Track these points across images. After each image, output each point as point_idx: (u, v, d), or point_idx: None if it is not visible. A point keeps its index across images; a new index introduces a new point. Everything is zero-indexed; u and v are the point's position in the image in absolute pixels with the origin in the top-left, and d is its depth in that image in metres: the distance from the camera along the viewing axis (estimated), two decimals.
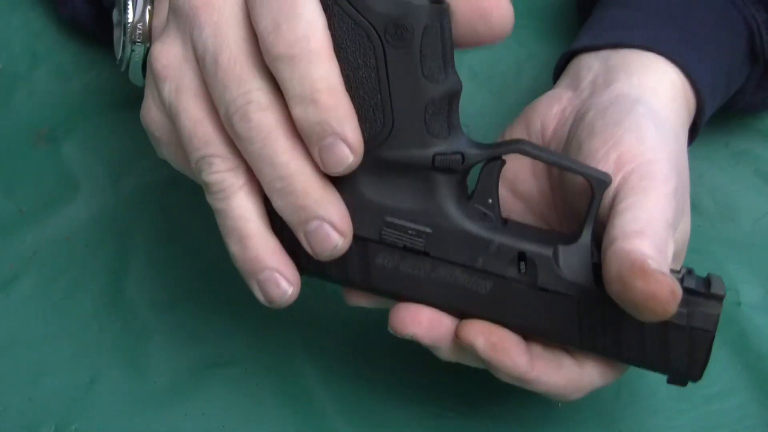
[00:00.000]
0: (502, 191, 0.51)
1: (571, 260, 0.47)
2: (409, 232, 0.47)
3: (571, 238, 0.47)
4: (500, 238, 0.47)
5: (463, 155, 0.46)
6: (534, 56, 0.66)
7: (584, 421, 0.56)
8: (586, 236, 0.47)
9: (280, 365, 0.57)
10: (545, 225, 0.52)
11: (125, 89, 0.58)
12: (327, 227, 0.45)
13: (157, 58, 0.46)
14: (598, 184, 0.46)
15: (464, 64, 0.65)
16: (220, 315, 0.56)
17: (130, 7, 0.53)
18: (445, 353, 0.50)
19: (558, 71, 0.56)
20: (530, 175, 0.53)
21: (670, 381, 0.49)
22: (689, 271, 0.48)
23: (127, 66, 0.54)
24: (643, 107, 0.50)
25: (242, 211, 0.46)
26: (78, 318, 0.59)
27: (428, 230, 0.47)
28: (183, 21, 0.46)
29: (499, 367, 0.48)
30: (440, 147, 0.46)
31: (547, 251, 0.47)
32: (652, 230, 0.45)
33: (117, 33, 0.54)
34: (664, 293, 0.43)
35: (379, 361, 0.57)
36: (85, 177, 0.62)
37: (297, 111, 0.43)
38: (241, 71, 0.44)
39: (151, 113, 0.47)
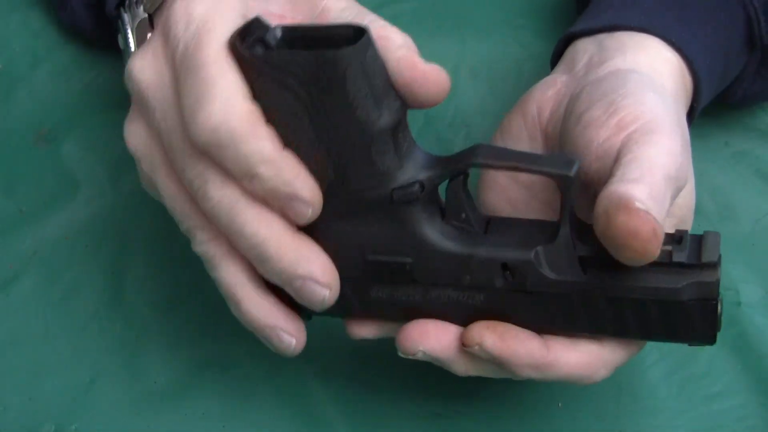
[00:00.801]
0: (505, 180, 0.52)
1: (554, 259, 0.46)
2: (392, 265, 0.47)
3: (553, 232, 0.47)
4: (480, 252, 0.47)
5: (421, 183, 0.46)
6: (534, 56, 0.66)
7: (584, 421, 0.56)
8: (565, 232, 0.46)
9: (280, 366, 0.57)
10: (550, 211, 0.51)
11: (125, 89, 0.58)
12: (310, 283, 0.46)
13: (127, 137, 0.48)
14: (561, 180, 0.45)
15: (464, 63, 0.65)
16: (220, 315, 0.56)
17: (129, 36, 0.54)
18: (461, 366, 0.50)
19: (555, 58, 0.56)
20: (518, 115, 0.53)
21: (689, 344, 0.49)
22: (680, 239, 0.47)
23: None
24: (639, 75, 0.50)
25: (231, 278, 0.47)
26: (78, 318, 0.59)
27: (409, 260, 0.47)
28: (138, 102, 0.47)
29: (512, 358, 0.48)
30: (396, 181, 0.45)
31: (528, 255, 0.46)
32: (648, 179, 0.44)
33: (125, 60, 0.55)
34: (645, 231, 0.43)
35: (379, 362, 0.57)
36: (85, 177, 0.62)
37: (245, 185, 0.44)
38: (191, 152, 0.45)
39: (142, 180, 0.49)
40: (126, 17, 0.55)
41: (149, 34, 0.53)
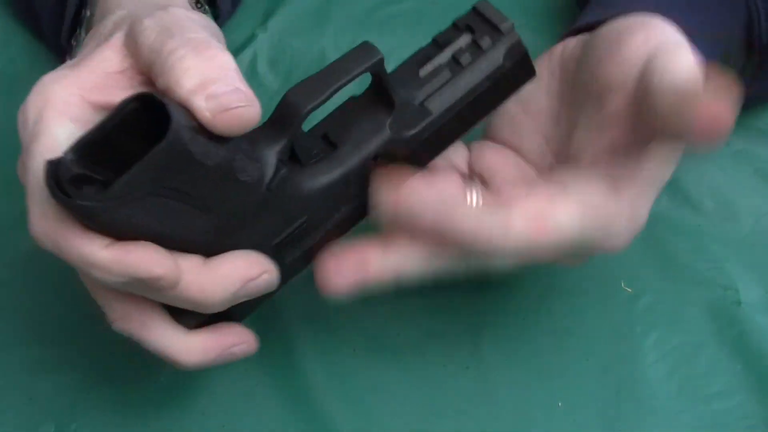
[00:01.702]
0: (515, 108, 0.54)
1: (404, 120, 0.50)
2: (293, 233, 0.48)
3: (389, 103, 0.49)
4: (351, 163, 0.49)
5: (281, 161, 0.47)
6: (534, 56, 0.65)
7: (584, 421, 0.56)
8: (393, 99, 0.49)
9: (280, 364, 0.57)
10: (548, 141, 0.53)
11: None
12: (251, 285, 0.46)
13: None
14: (375, 66, 0.47)
15: None
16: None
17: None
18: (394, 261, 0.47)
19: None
20: (543, 93, 0.53)
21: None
22: (469, 27, 0.51)
23: None
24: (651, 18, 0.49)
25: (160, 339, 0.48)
26: (78, 318, 0.59)
27: (303, 218, 0.48)
28: None
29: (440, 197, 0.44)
30: (265, 178, 0.46)
31: (386, 134, 0.49)
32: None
33: None
34: (726, 121, 0.41)
35: (380, 360, 0.57)
36: None
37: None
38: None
39: None
40: (68, 59, 0.55)
41: None
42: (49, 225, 0.43)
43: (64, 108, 0.45)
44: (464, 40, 0.52)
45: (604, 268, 0.60)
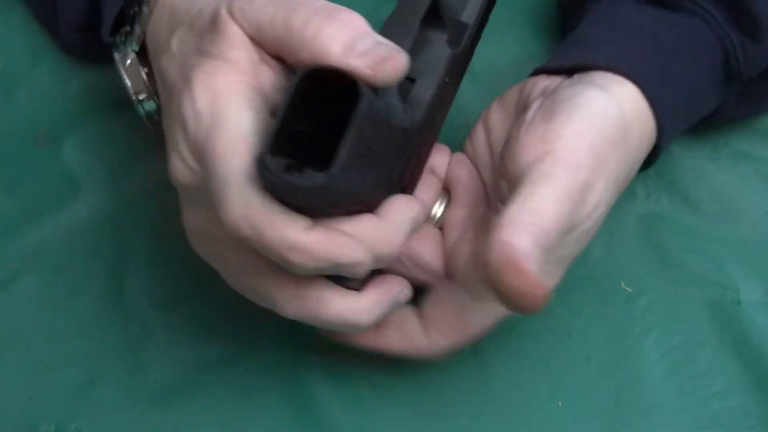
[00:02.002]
0: (480, 129, 0.56)
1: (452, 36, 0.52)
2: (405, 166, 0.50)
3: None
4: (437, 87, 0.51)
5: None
6: (534, 56, 0.66)
7: (584, 421, 0.56)
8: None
9: (280, 364, 0.57)
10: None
11: (125, 90, 0.58)
12: (415, 224, 0.48)
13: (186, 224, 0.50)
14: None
15: None
16: (220, 314, 0.56)
17: (123, 74, 0.55)
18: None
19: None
20: (501, 123, 0.55)
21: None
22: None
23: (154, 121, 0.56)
24: (599, 91, 0.51)
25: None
26: (78, 317, 0.59)
27: (411, 151, 0.50)
28: (186, 199, 0.49)
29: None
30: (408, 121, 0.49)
31: (451, 52, 0.52)
32: (539, 224, 0.47)
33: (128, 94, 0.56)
34: (534, 294, 0.45)
35: (379, 359, 0.57)
36: (85, 177, 0.62)
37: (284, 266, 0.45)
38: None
39: None
40: (116, 56, 0.56)
41: (143, 72, 0.55)
42: (251, 211, 0.44)
43: (237, 96, 0.46)
44: None
45: (604, 269, 0.60)
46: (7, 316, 0.59)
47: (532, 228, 0.46)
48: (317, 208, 0.45)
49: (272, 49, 0.47)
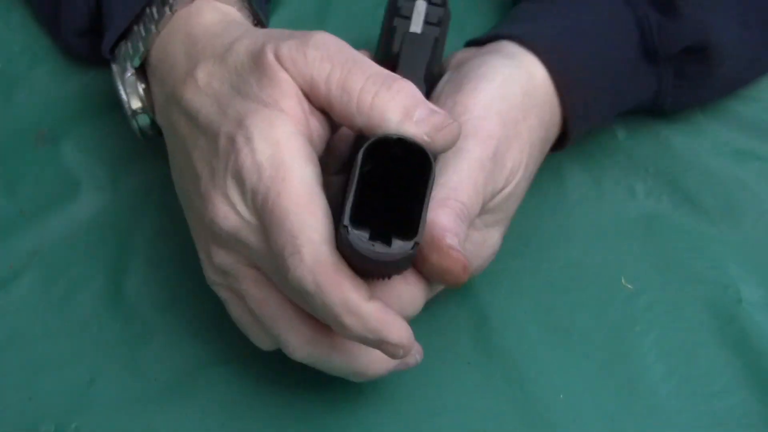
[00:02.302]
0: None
1: None
2: None
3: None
4: None
5: None
6: None
7: (584, 420, 0.56)
8: None
9: (280, 363, 0.57)
10: None
11: None
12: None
13: (217, 260, 0.51)
14: None
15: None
16: (220, 314, 0.56)
17: (120, 87, 0.56)
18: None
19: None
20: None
21: None
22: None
23: (145, 134, 0.57)
24: (506, 60, 0.53)
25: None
26: (78, 317, 0.59)
27: None
28: (227, 241, 0.50)
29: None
30: None
31: None
32: (456, 198, 0.49)
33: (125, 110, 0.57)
34: (456, 269, 0.47)
35: None
36: (85, 177, 0.62)
37: (335, 328, 0.47)
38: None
39: None
40: (114, 68, 0.56)
41: (140, 87, 0.56)
42: (321, 268, 0.45)
43: (299, 149, 0.47)
44: (422, 5, 0.56)
45: (604, 267, 0.60)
46: (6, 316, 0.59)
47: (451, 203, 0.48)
48: (393, 273, 0.47)
49: (321, 105, 0.48)
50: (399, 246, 0.45)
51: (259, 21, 0.57)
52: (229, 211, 0.48)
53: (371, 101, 0.47)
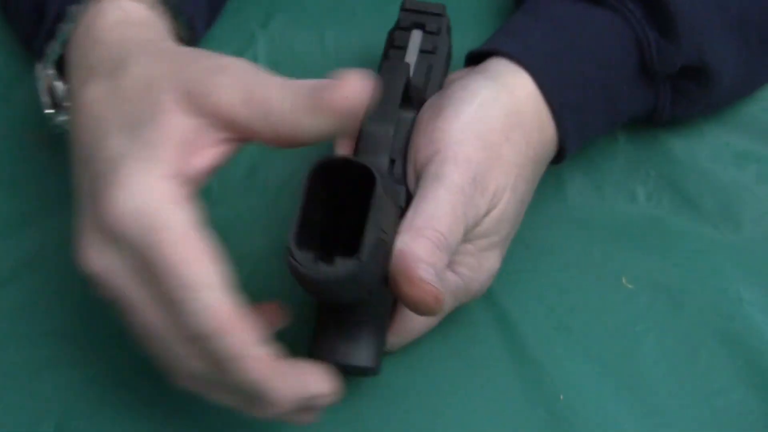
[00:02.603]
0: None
1: None
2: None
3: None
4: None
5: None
6: None
7: (584, 420, 0.56)
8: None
9: None
10: None
11: None
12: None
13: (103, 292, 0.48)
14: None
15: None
16: None
17: (41, 87, 0.55)
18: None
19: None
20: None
21: None
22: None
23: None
24: (487, 82, 0.53)
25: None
26: (78, 317, 0.59)
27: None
28: (108, 292, 0.48)
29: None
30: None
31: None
32: (433, 227, 0.49)
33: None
34: (428, 300, 0.48)
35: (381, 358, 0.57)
36: None
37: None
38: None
39: None
40: (38, 66, 0.55)
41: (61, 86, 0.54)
42: (220, 313, 0.44)
43: (168, 195, 0.45)
44: (417, 35, 0.58)
45: (605, 267, 0.60)
46: (7, 316, 0.59)
47: (428, 232, 0.49)
48: (345, 296, 0.48)
49: (229, 127, 0.46)
50: (342, 264, 0.45)
51: (181, 23, 0.55)
52: (100, 257, 0.46)
53: (287, 108, 0.45)
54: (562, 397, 0.56)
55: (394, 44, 0.58)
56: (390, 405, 0.57)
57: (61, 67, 0.55)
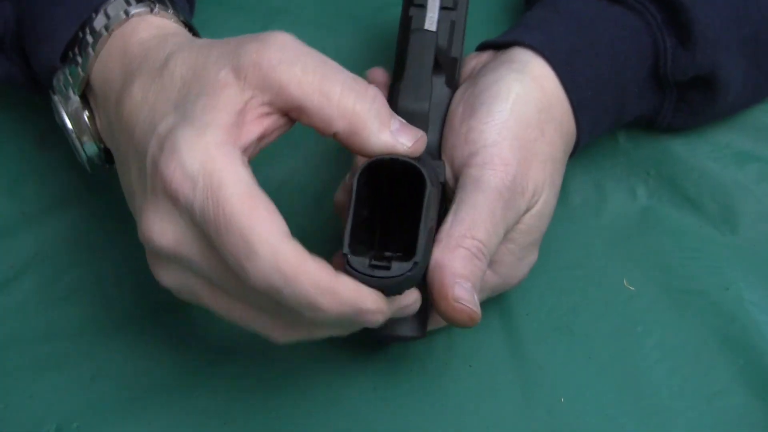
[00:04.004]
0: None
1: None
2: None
3: None
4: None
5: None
6: None
7: (585, 420, 0.56)
8: None
9: (281, 362, 0.57)
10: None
11: None
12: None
13: (163, 280, 0.50)
14: None
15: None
16: None
17: (65, 118, 0.55)
18: None
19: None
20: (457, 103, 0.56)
21: None
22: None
23: (93, 164, 0.56)
24: (517, 75, 0.53)
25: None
26: (78, 317, 0.59)
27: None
28: (167, 257, 0.48)
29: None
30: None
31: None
32: (472, 235, 0.50)
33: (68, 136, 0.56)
34: (462, 320, 0.49)
35: (381, 359, 0.57)
36: (86, 178, 0.62)
37: (310, 316, 0.46)
38: (252, 290, 0.46)
39: None
40: (55, 98, 0.55)
41: (85, 115, 0.54)
42: (282, 263, 0.45)
43: (228, 155, 0.46)
44: None
45: (607, 267, 0.60)
46: (7, 316, 0.59)
47: (466, 242, 0.50)
48: (401, 291, 0.48)
49: (288, 107, 0.48)
50: (398, 268, 0.46)
51: (194, 31, 0.56)
52: (164, 228, 0.47)
53: (353, 107, 0.47)
54: (562, 399, 0.56)
55: (414, 2, 0.56)
56: (390, 405, 0.57)
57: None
